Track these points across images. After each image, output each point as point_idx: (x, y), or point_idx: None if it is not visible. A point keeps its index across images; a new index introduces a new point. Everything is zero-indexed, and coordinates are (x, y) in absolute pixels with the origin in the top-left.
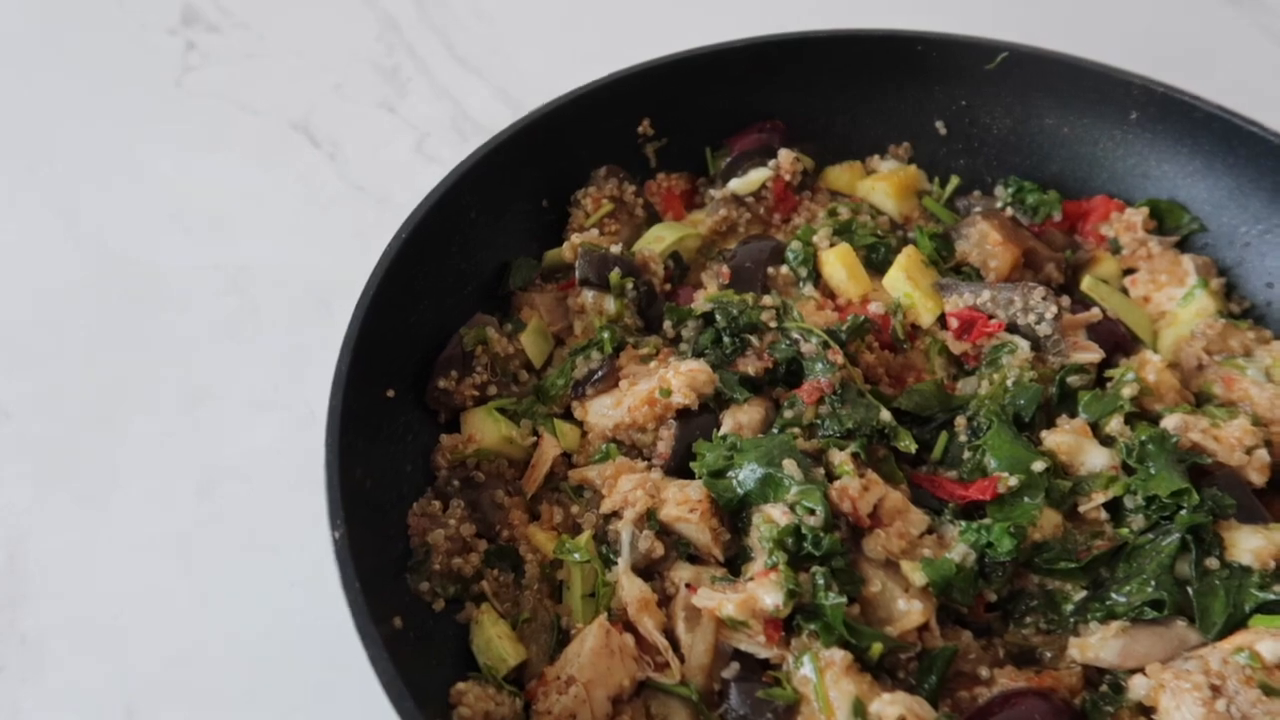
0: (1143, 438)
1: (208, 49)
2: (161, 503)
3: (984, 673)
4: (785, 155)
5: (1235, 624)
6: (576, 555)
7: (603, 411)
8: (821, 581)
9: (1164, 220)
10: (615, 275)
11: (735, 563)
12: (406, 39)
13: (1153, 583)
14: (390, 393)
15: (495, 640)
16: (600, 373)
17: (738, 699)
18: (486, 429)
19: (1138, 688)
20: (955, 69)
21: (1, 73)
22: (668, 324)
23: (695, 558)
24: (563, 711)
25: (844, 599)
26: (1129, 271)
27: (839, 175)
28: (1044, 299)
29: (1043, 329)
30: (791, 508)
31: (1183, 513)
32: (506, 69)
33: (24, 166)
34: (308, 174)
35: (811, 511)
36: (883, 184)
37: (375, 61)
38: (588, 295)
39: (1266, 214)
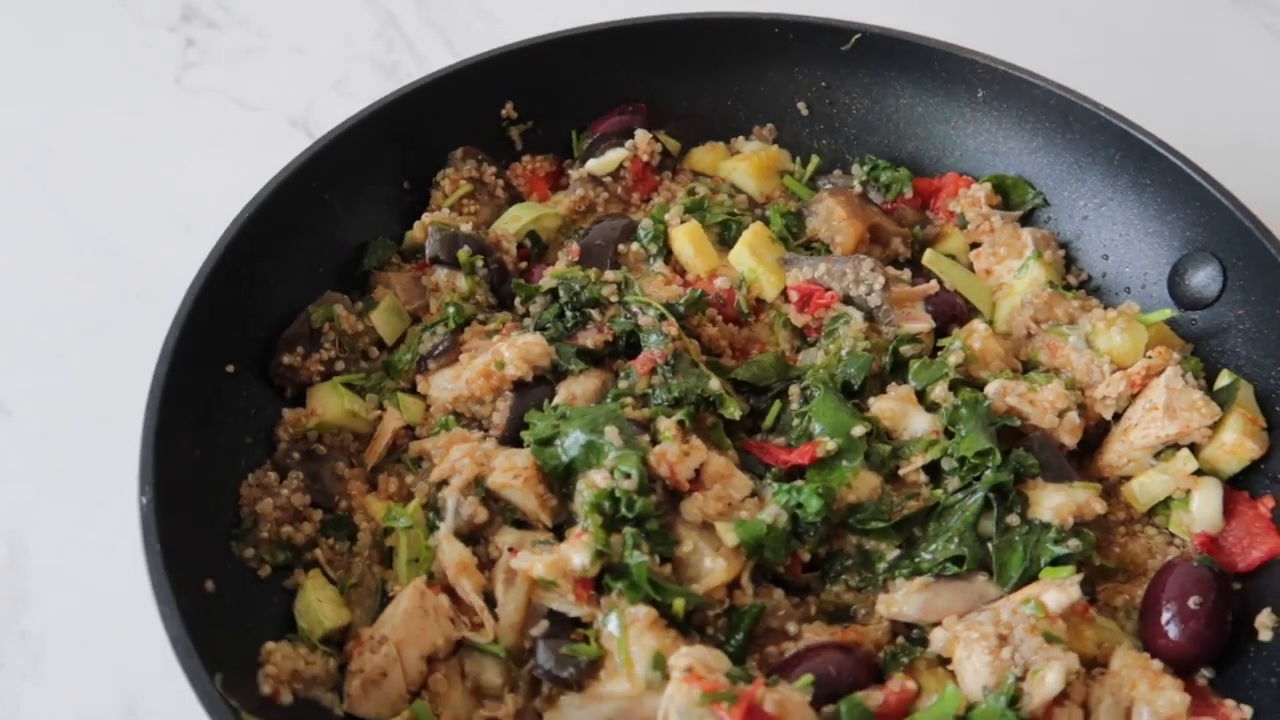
0: (958, 402)
1: (207, 45)
2: None
3: (792, 629)
4: (642, 135)
5: (1031, 577)
6: (402, 521)
7: (444, 385)
8: (630, 541)
9: (1010, 195)
10: (465, 253)
11: (564, 529)
12: (407, 36)
13: (956, 539)
14: (230, 368)
15: (314, 604)
16: (442, 347)
17: (544, 655)
18: (330, 403)
19: (937, 640)
20: (814, 51)
21: (1, 70)
22: (517, 300)
23: (524, 524)
24: (373, 670)
25: (648, 557)
26: (975, 245)
27: (702, 156)
28: (872, 270)
29: (873, 300)
30: (610, 472)
31: (988, 473)
32: None
33: (24, 164)
34: None
35: (627, 475)
36: (743, 164)
37: (375, 58)
38: (440, 273)
39: (1102, 188)
